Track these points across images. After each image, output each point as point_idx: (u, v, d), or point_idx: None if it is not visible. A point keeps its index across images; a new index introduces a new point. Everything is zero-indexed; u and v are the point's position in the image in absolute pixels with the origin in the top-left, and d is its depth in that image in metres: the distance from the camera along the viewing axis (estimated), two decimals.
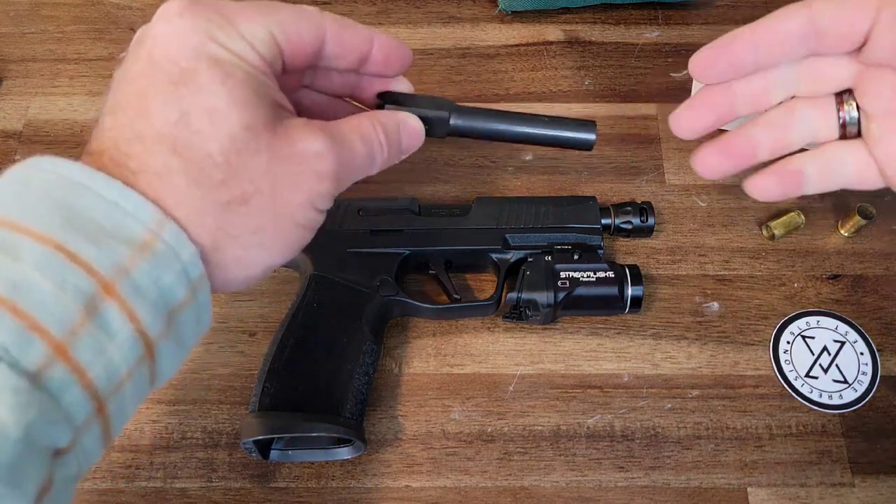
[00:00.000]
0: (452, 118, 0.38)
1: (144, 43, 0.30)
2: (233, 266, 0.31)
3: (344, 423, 0.42)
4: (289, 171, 0.31)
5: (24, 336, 0.24)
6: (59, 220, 0.26)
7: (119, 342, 0.26)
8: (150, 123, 0.28)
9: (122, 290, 0.26)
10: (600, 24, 0.61)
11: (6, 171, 0.28)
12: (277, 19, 0.31)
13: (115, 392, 0.27)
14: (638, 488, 0.45)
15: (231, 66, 0.29)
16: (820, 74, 0.37)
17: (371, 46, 0.35)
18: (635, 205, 0.51)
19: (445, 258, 0.49)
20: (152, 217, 0.28)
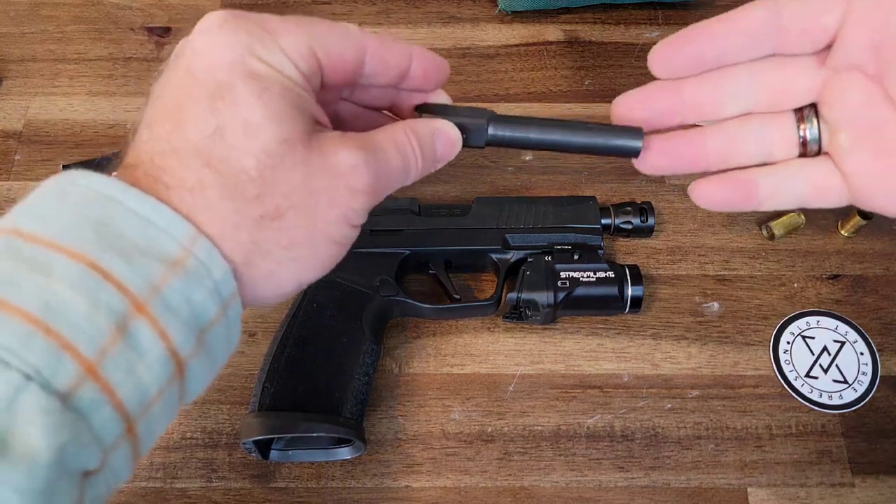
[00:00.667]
0: (491, 127, 0.37)
1: (184, 55, 0.30)
2: (264, 282, 0.30)
3: (344, 424, 0.42)
4: (324, 186, 0.30)
5: (56, 356, 0.24)
6: (93, 236, 0.26)
7: (149, 361, 0.26)
8: (185, 136, 0.28)
9: (154, 308, 0.26)
10: (600, 24, 0.61)
11: (41, 184, 0.28)
12: (318, 35, 0.31)
13: (145, 412, 0.27)
14: (638, 488, 0.45)
15: (269, 79, 0.29)
16: (780, 87, 0.36)
17: (410, 63, 0.35)
18: (635, 205, 0.51)
19: (445, 258, 0.49)
20: (185, 233, 0.27)
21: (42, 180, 0.27)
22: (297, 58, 0.30)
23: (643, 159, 0.37)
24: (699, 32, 0.35)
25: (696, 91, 0.37)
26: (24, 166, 0.55)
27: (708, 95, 0.37)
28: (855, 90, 0.34)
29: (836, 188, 0.36)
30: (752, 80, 0.36)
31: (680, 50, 0.35)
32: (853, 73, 0.34)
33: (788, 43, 0.34)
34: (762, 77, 0.36)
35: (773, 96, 0.37)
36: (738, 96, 0.37)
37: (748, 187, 0.37)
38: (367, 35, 0.33)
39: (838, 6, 0.32)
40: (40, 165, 0.55)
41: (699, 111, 0.37)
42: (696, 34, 0.35)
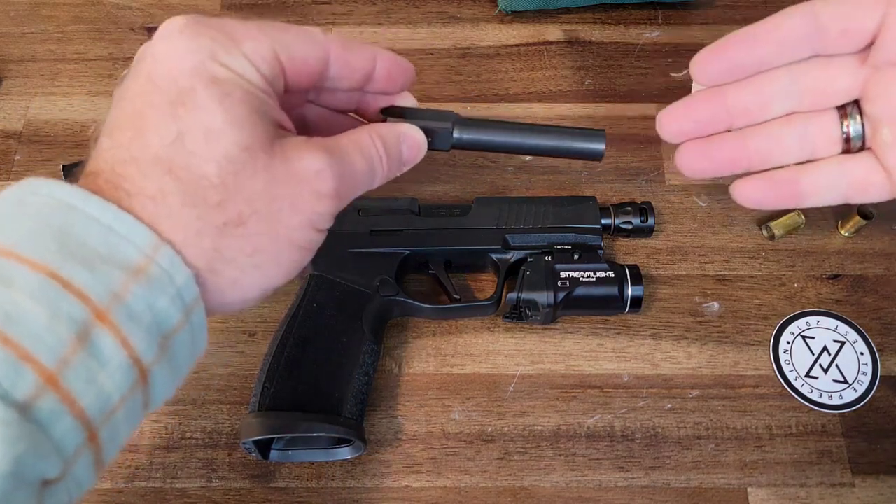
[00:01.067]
0: (456, 130, 0.38)
1: (144, 60, 0.30)
2: (229, 289, 0.30)
3: (344, 423, 0.42)
4: (287, 192, 0.30)
5: (15, 367, 0.24)
6: (54, 245, 0.26)
7: (111, 369, 0.26)
8: (145, 144, 0.28)
9: (116, 316, 0.26)
10: (600, 24, 0.61)
11: (1, 193, 0.27)
12: (281, 40, 0.31)
13: (108, 420, 0.26)
14: (638, 488, 0.45)
15: (230, 84, 0.29)
16: (822, 87, 0.36)
17: (374, 65, 0.35)
18: (635, 205, 0.51)
19: (445, 258, 0.49)
20: (147, 241, 0.27)
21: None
22: (260, 62, 0.30)
23: (686, 163, 0.37)
24: (739, 40, 0.35)
25: (740, 97, 0.37)
26: (24, 166, 0.55)
27: (752, 100, 0.37)
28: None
29: (879, 183, 0.36)
30: (794, 82, 0.37)
31: (721, 58, 0.36)
32: (894, 71, 0.34)
33: (829, 45, 0.35)
34: (804, 78, 0.36)
35: (815, 96, 0.37)
36: (781, 98, 0.37)
37: (791, 186, 0.37)
38: (331, 38, 0.33)
39: (878, 6, 0.33)
40: (40, 165, 0.55)
41: (745, 116, 0.37)
42: (736, 42, 0.35)
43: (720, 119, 0.37)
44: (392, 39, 0.60)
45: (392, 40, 0.60)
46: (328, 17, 0.61)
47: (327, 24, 0.61)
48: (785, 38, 0.35)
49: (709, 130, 0.37)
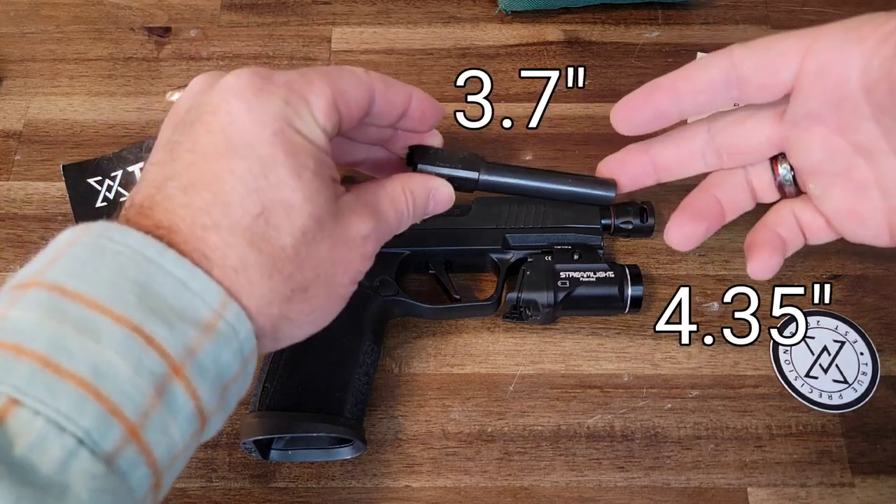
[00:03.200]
0: (482, 177, 0.39)
1: (218, 115, 0.30)
2: (283, 340, 0.32)
3: (344, 423, 0.42)
4: (342, 256, 0.32)
5: (105, 420, 0.25)
6: (134, 298, 0.26)
7: (181, 420, 0.27)
8: (228, 212, 0.29)
9: (189, 371, 0.27)
10: (600, 24, 0.61)
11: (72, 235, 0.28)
12: (340, 89, 0.32)
13: (171, 466, 0.28)
14: (638, 488, 0.45)
15: (305, 155, 0.30)
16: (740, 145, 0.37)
17: (410, 103, 0.36)
18: (635, 205, 0.51)
19: (445, 258, 0.49)
20: (217, 298, 0.28)
21: (42, 180, 0.27)
22: (326, 121, 0.31)
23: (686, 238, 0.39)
24: (658, 89, 0.36)
25: (662, 154, 0.38)
26: (24, 166, 0.55)
27: (672, 158, 0.38)
28: (815, 143, 0.34)
29: (823, 227, 0.37)
30: (713, 139, 0.37)
31: (641, 108, 0.36)
32: (812, 127, 0.34)
33: (748, 96, 0.35)
34: (721, 136, 0.37)
35: (734, 154, 0.37)
36: (703, 156, 0.38)
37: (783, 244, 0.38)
38: (375, 77, 0.34)
39: (794, 58, 0.32)
40: (40, 165, 0.55)
41: (668, 172, 0.39)
42: (656, 91, 0.36)
43: (647, 174, 0.39)
44: (392, 39, 0.60)
45: (392, 40, 0.60)
46: (328, 17, 0.61)
47: (327, 24, 0.61)
48: (704, 89, 0.35)
49: (639, 185, 0.39)
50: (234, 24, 0.61)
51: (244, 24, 0.61)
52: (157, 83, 0.59)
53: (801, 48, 0.32)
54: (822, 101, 0.33)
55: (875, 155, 0.33)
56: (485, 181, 0.39)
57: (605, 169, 0.40)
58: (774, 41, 0.33)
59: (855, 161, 0.34)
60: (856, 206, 0.35)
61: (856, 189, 0.34)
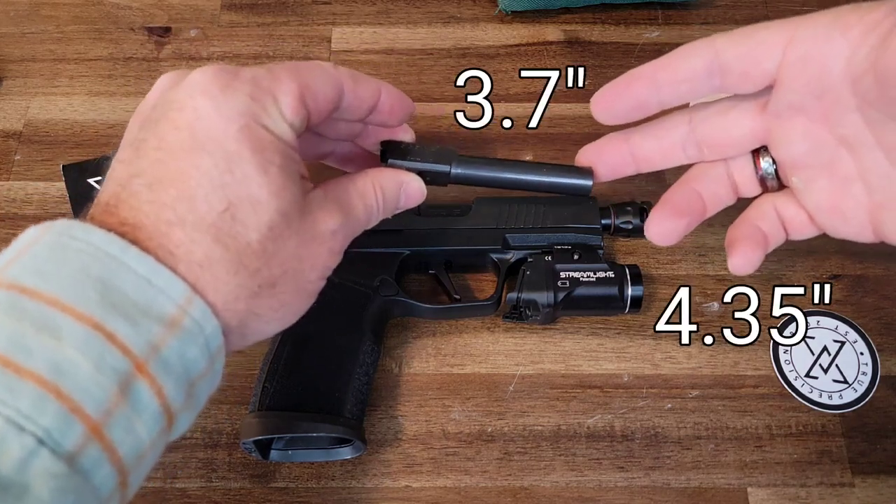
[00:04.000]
0: (453, 169, 0.39)
1: (184, 111, 0.30)
2: (251, 336, 0.32)
3: (344, 423, 0.42)
4: (310, 252, 0.32)
5: (66, 419, 0.24)
6: (96, 296, 0.26)
7: (146, 418, 0.27)
8: (193, 208, 0.28)
9: (153, 368, 0.27)
10: (600, 24, 0.61)
11: (34, 233, 0.28)
12: (308, 84, 0.32)
13: (138, 464, 0.27)
14: (638, 488, 0.45)
15: (272, 151, 0.30)
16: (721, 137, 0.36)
17: (379, 98, 0.36)
18: (635, 205, 0.51)
19: (445, 258, 0.49)
20: (182, 294, 0.28)
21: (42, 180, 0.27)
22: (293, 117, 0.31)
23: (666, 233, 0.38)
24: (638, 78, 0.35)
25: (642, 145, 0.38)
26: (24, 166, 0.55)
27: (652, 149, 0.38)
28: (798, 135, 0.34)
29: (806, 222, 0.36)
30: (693, 131, 0.36)
31: (620, 97, 0.35)
32: (795, 119, 0.33)
33: (729, 85, 0.34)
34: (702, 127, 0.36)
35: (715, 146, 0.37)
36: (683, 148, 0.37)
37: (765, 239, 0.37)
38: (343, 72, 0.34)
39: (777, 46, 0.32)
40: (40, 165, 0.55)
41: (648, 163, 0.38)
42: (636, 80, 0.35)
43: (627, 164, 0.38)
44: (392, 39, 0.60)
45: (392, 40, 0.60)
46: (328, 17, 0.61)
47: (327, 24, 0.61)
48: (685, 78, 0.34)
49: (618, 175, 0.39)
50: (234, 24, 0.61)
51: (244, 24, 0.61)
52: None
53: (784, 37, 0.32)
54: (805, 91, 0.32)
55: (859, 148, 0.32)
56: (457, 174, 0.39)
57: (584, 157, 0.39)
58: (757, 29, 0.33)
59: (838, 154, 0.33)
60: (839, 201, 0.34)
61: (839, 183, 0.34)
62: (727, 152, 0.37)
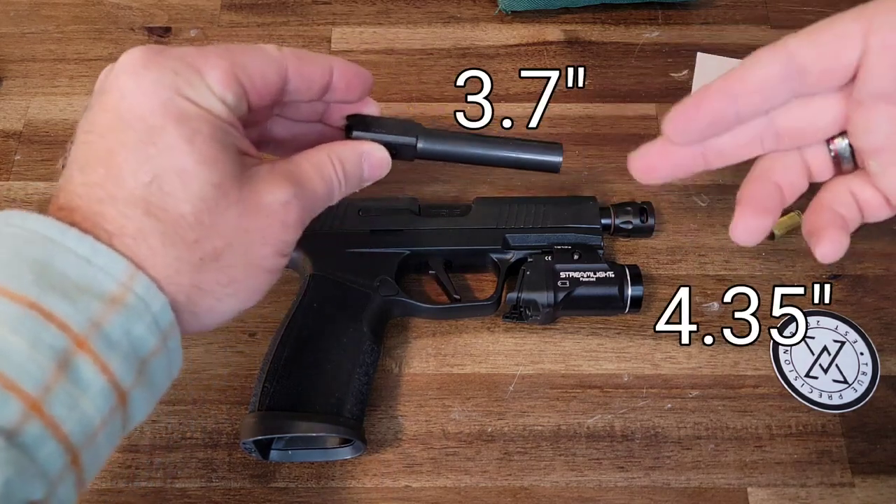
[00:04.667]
0: (420, 142, 0.39)
1: (109, 94, 0.30)
2: (205, 315, 0.32)
3: (344, 423, 0.42)
4: (258, 224, 0.31)
5: (1, 396, 0.25)
6: (32, 276, 0.26)
7: (92, 394, 0.27)
8: (121, 184, 0.29)
9: (95, 344, 0.27)
10: (600, 24, 0.61)
11: None
12: (241, 63, 0.32)
13: (90, 442, 0.27)
14: (638, 488, 0.45)
15: (198, 121, 0.30)
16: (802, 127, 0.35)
17: (331, 75, 0.36)
18: (635, 205, 0.51)
19: (445, 258, 0.49)
20: (123, 271, 0.28)
21: (42, 180, 0.27)
22: (223, 92, 0.31)
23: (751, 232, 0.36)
24: (712, 93, 0.34)
25: (716, 141, 0.36)
26: (24, 166, 0.55)
27: (728, 144, 0.36)
28: (880, 122, 0.33)
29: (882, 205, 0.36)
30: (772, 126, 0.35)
31: (695, 116, 0.34)
32: (877, 105, 0.33)
33: (809, 86, 0.33)
34: (782, 119, 0.35)
35: (794, 136, 0.36)
36: (761, 141, 0.36)
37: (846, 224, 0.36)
38: (287, 53, 0.34)
39: (856, 39, 0.31)
40: (40, 165, 0.55)
41: (720, 159, 0.36)
42: (709, 96, 0.34)
43: (696, 163, 0.36)
44: (392, 39, 0.60)
45: (392, 40, 0.60)
46: (328, 17, 0.61)
47: (327, 24, 0.61)
48: (761, 87, 0.33)
49: (685, 173, 0.37)
50: (234, 24, 0.61)
51: (244, 24, 0.61)
52: None
53: (862, 27, 0.31)
54: (888, 78, 0.32)
55: None
56: (423, 149, 0.39)
57: (645, 160, 0.36)
58: (829, 25, 0.32)
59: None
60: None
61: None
62: (807, 141, 0.36)
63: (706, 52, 0.59)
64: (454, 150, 0.39)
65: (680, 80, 0.59)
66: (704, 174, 0.54)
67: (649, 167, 0.36)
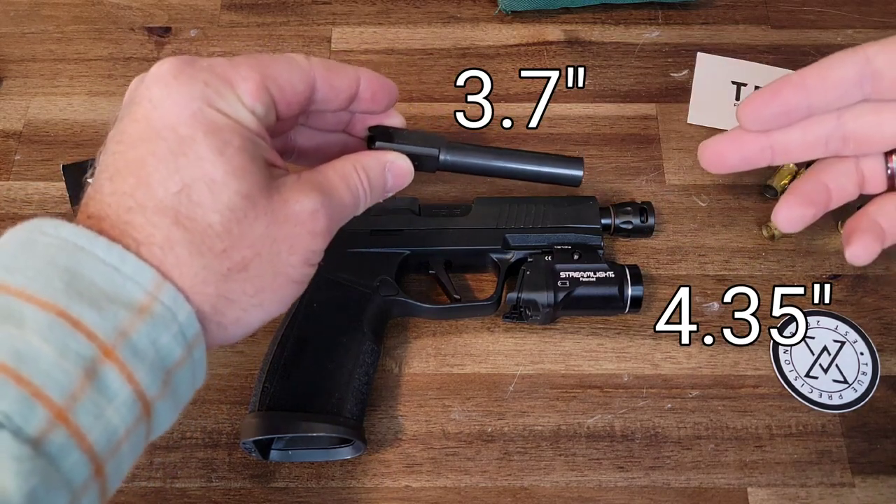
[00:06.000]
0: (442, 154, 0.39)
1: (140, 104, 0.30)
2: (231, 326, 0.31)
3: (344, 423, 0.42)
4: (286, 234, 0.31)
5: (28, 404, 0.24)
6: (62, 285, 0.26)
7: (117, 405, 0.27)
8: (151, 194, 0.29)
9: (122, 353, 0.27)
10: (600, 24, 0.61)
11: (9, 232, 0.28)
12: (270, 73, 0.32)
13: (114, 453, 0.27)
14: (638, 488, 0.45)
15: (228, 132, 0.30)
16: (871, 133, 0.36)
17: (358, 86, 0.36)
18: (635, 205, 0.51)
19: (445, 258, 0.49)
20: (150, 280, 0.28)
21: (42, 179, 0.27)
22: (253, 103, 0.31)
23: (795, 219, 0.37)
24: (789, 85, 0.35)
25: (786, 137, 0.37)
26: (24, 166, 0.55)
27: (796, 141, 0.37)
28: None
29: None
30: (841, 129, 0.36)
31: (770, 103, 0.36)
32: None
33: (882, 91, 0.35)
34: (853, 123, 0.36)
35: (862, 142, 0.37)
36: (826, 142, 0.37)
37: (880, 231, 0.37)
38: (315, 63, 0.34)
39: None
40: (40, 165, 0.55)
41: (786, 156, 0.38)
42: (786, 87, 0.35)
43: (763, 157, 0.38)
44: (392, 39, 0.60)
45: (392, 40, 0.60)
46: (328, 17, 0.61)
47: (327, 24, 0.61)
48: (837, 85, 0.35)
49: (751, 166, 0.38)
50: (234, 24, 0.61)
51: (244, 24, 0.61)
52: None
53: None
54: None
55: None
56: (446, 161, 0.39)
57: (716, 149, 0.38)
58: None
59: None
60: None
61: None
62: (873, 149, 0.37)
63: (706, 52, 0.59)
64: (477, 162, 0.39)
65: (680, 80, 0.59)
66: (705, 175, 0.54)
67: (720, 155, 0.38)
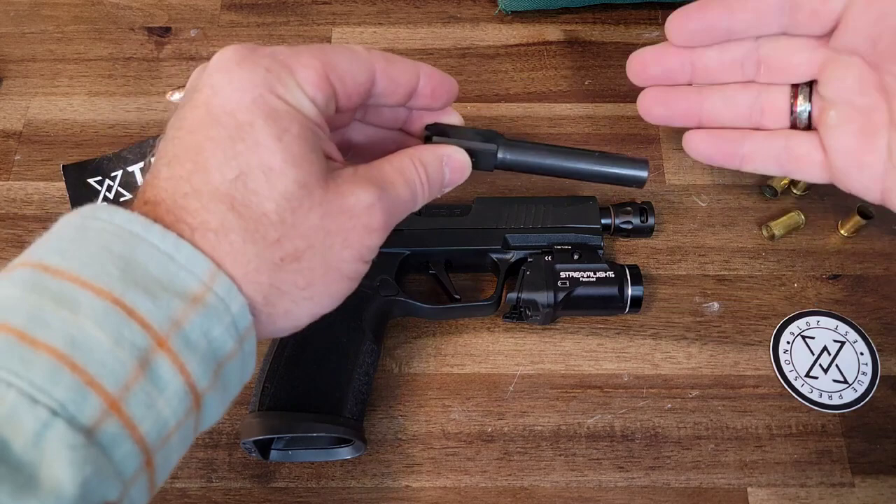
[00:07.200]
0: (500, 152, 0.37)
1: (201, 91, 0.30)
2: (281, 318, 0.31)
3: (344, 423, 0.42)
4: (340, 227, 0.31)
5: (82, 392, 0.24)
6: (117, 272, 0.26)
7: (169, 396, 0.26)
8: (207, 179, 0.28)
9: (174, 344, 0.26)
10: (600, 24, 0.61)
11: (63, 218, 0.28)
12: (331, 63, 0.31)
13: (164, 444, 0.27)
14: (638, 488, 0.45)
15: (287, 120, 0.29)
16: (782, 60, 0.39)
17: (418, 81, 0.35)
18: (635, 205, 0.51)
19: (445, 258, 0.49)
20: (205, 270, 0.28)
21: (42, 179, 0.27)
22: (314, 91, 0.31)
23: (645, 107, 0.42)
24: (712, 4, 0.38)
25: (704, 55, 0.40)
26: (24, 166, 0.55)
27: (715, 61, 0.40)
28: (851, 73, 0.36)
29: (817, 163, 0.39)
30: (757, 49, 0.39)
31: (693, 18, 0.38)
32: (852, 58, 0.36)
33: (798, 23, 0.37)
34: (767, 47, 0.39)
35: (774, 69, 0.39)
36: (742, 65, 0.40)
37: (734, 146, 0.41)
38: (376, 55, 0.34)
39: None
40: (40, 165, 0.55)
41: (706, 75, 0.41)
42: (712, 4, 0.38)
43: (684, 72, 0.41)
44: (392, 39, 0.60)
45: (392, 40, 0.60)
46: (328, 17, 0.61)
47: (327, 24, 0.61)
48: (759, 7, 0.37)
49: (671, 80, 0.41)
50: (234, 24, 0.61)
51: (244, 24, 0.61)
52: (157, 83, 0.59)
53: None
54: (864, 33, 0.35)
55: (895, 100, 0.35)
56: (504, 158, 0.37)
57: (640, 60, 0.41)
58: None
59: (878, 103, 0.36)
60: (861, 148, 0.37)
61: (869, 131, 0.36)
62: (782, 77, 0.40)
63: None
64: (536, 161, 0.38)
65: None
66: (705, 175, 0.54)
67: (643, 64, 0.41)
